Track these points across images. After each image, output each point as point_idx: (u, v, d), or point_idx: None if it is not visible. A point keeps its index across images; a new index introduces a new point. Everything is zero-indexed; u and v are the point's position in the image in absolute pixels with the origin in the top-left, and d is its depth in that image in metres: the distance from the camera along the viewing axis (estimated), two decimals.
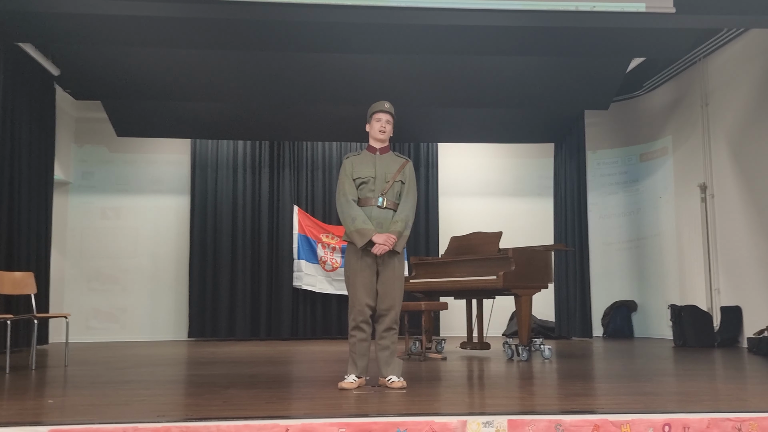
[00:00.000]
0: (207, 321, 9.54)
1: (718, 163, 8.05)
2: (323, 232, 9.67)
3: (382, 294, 4.04)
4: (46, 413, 3.14)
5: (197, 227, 9.69)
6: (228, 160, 9.90)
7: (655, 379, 4.40)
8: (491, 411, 3.03)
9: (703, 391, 3.77)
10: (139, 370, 5.22)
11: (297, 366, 5.52)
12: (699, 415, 2.93)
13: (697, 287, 8.43)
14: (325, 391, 3.86)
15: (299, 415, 2.96)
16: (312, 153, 10.10)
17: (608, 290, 9.89)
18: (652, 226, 9.51)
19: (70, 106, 9.49)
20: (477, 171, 10.48)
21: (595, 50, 7.10)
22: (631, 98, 9.92)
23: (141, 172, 9.92)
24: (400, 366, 4.08)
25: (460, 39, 6.74)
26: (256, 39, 6.78)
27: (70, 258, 9.61)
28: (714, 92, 8.19)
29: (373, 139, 4.21)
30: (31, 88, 7.62)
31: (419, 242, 9.96)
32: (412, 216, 4.14)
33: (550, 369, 5.11)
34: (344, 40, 6.78)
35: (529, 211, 10.31)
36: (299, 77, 7.89)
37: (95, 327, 9.55)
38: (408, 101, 8.31)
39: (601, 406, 3.23)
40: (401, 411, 3.07)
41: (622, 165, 10.07)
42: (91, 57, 7.46)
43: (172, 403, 3.42)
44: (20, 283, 5.93)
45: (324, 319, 9.77)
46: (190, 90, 8.10)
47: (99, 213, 9.76)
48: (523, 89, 8.24)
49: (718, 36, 7.78)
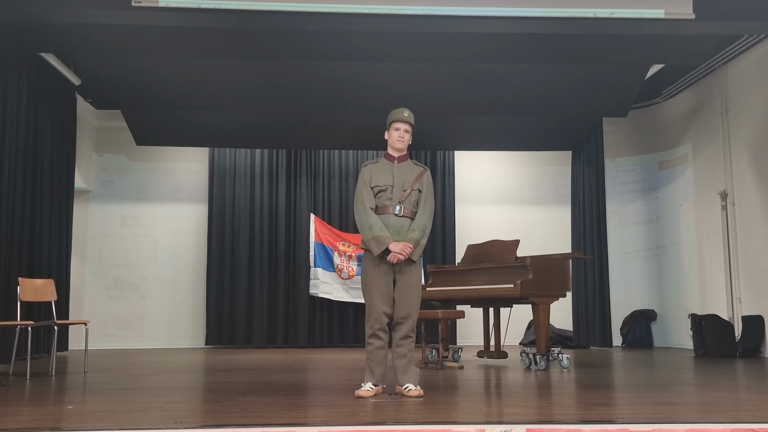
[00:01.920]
0: (224, 329, 9.57)
1: (739, 170, 7.95)
2: (340, 240, 9.68)
3: (399, 302, 4.03)
4: (65, 419, 3.17)
5: (215, 235, 9.75)
6: (245, 169, 9.96)
7: (676, 389, 4.34)
8: (509, 420, 3.01)
9: (725, 401, 3.71)
10: (157, 377, 5.25)
11: (314, 374, 5.52)
12: (721, 425, 2.88)
13: (718, 296, 8.32)
14: (341, 398, 3.86)
15: (316, 422, 2.96)
16: (329, 161, 10.13)
17: (627, 299, 9.79)
18: (671, 234, 9.41)
19: (91, 116, 9.61)
20: (494, 179, 10.45)
21: (613, 57, 7.07)
22: (650, 105, 9.85)
23: (160, 180, 10.01)
24: (417, 374, 4.06)
25: (477, 47, 6.74)
26: (274, 48, 6.84)
27: (90, 265, 9.71)
28: (734, 99, 8.10)
29: (392, 148, 4.21)
30: (53, 97, 7.73)
31: (436, 250, 9.94)
32: (429, 225, 4.13)
33: (569, 378, 5.06)
34: (362, 48, 6.81)
35: (547, 220, 10.25)
36: (317, 86, 7.92)
37: (114, 334, 9.62)
38: (425, 109, 8.31)
39: (621, 415, 3.19)
40: (418, 419, 3.05)
41: (641, 173, 9.98)
42: (111, 67, 7.55)
43: (190, 410, 3.43)
44: (41, 290, 6.00)
45: (341, 327, 9.77)
46: (208, 99, 8.17)
47: (119, 221, 9.86)
48: (541, 97, 8.20)
49: (738, 42, 7.70)
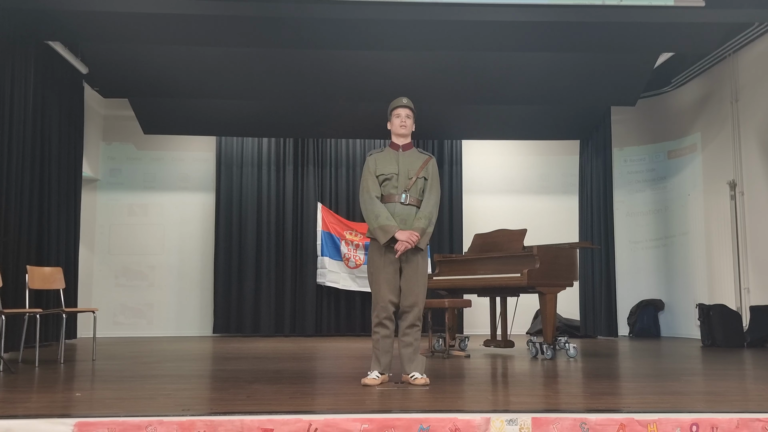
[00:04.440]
0: (232, 317, 9.62)
1: (748, 160, 7.90)
2: (347, 230, 9.69)
3: (405, 291, 4.03)
4: (73, 406, 3.19)
5: (222, 224, 9.77)
6: (253, 158, 9.97)
7: (683, 378, 4.33)
8: (515, 409, 3.01)
9: (732, 391, 3.70)
10: (165, 365, 5.28)
11: (321, 362, 5.54)
12: (728, 415, 2.87)
13: (726, 286, 8.28)
14: (348, 387, 3.87)
15: (323, 410, 2.96)
16: (336, 150, 10.12)
17: (635, 289, 9.76)
18: (680, 224, 9.37)
19: (98, 104, 9.62)
20: (501, 168, 10.41)
21: (622, 45, 7.01)
22: (659, 94, 9.77)
23: (167, 169, 10.03)
24: (424, 363, 4.06)
25: (485, 35, 6.70)
26: (282, 36, 6.82)
27: (99, 254, 9.76)
28: (744, 88, 8.03)
29: (396, 136, 4.20)
30: (61, 86, 7.74)
31: (443, 239, 9.93)
32: (435, 213, 4.12)
33: (575, 368, 5.05)
34: (370, 37, 6.79)
35: (554, 209, 10.22)
36: (324, 75, 7.90)
37: (122, 322, 9.68)
38: (432, 98, 8.28)
39: (628, 404, 3.19)
40: (424, 407, 3.06)
41: (650, 162, 9.92)
42: (119, 55, 7.56)
43: (197, 398, 3.45)
44: (49, 278, 6.03)
45: (348, 316, 9.79)
46: (215, 88, 8.17)
47: (126, 210, 9.89)
48: (549, 85, 8.16)
49: (748, 30, 7.63)
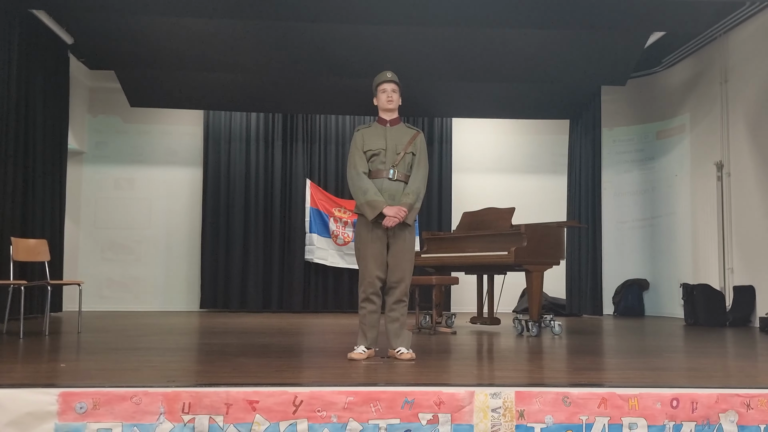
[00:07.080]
0: (219, 292, 9.61)
1: (736, 141, 7.93)
2: (336, 206, 9.67)
3: (392, 266, 4.03)
4: (58, 376, 3.19)
5: (210, 199, 9.72)
6: (241, 133, 9.89)
7: (665, 355, 4.38)
8: (499, 383, 3.03)
9: (713, 367, 3.75)
10: (151, 338, 5.28)
11: (308, 337, 5.56)
12: (708, 390, 2.91)
13: (711, 266, 8.36)
14: (334, 361, 3.89)
15: (308, 383, 2.98)
16: (325, 126, 10.06)
17: (620, 268, 9.84)
18: (666, 204, 9.42)
19: (84, 76, 9.49)
20: (491, 147, 10.41)
21: (612, 24, 6.98)
22: (649, 74, 9.77)
23: (155, 143, 9.94)
24: (410, 338, 4.08)
25: (475, 10, 6.65)
26: (270, 8, 6.73)
27: (84, 227, 9.69)
28: (734, 69, 8.04)
29: (383, 111, 4.17)
30: (45, 56, 7.61)
31: (431, 217, 9.94)
32: (423, 188, 4.11)
33: (560, 344, 5.10)
34: (359, 10, 6.72)
35: (543, 188, 10.24)
36: (313, 49, 7.83)
37: (108, 296, 9.65)
38: (422, 75, 8.23)
39: (610, 379, 3.23)
40: (409, 381, 3.08)
41: (639, 143, 9.95)
42: (105, 26, 7.44)
43: (183, 370, 3.46)
44: (34, 250, 5.99)
45: (335, 292, 9.81)
46: (203, 60, 8.07)
47: (112, 183, 9.81)
48: (539, 64, 8.13)
49: (739, 11, 7.61)
